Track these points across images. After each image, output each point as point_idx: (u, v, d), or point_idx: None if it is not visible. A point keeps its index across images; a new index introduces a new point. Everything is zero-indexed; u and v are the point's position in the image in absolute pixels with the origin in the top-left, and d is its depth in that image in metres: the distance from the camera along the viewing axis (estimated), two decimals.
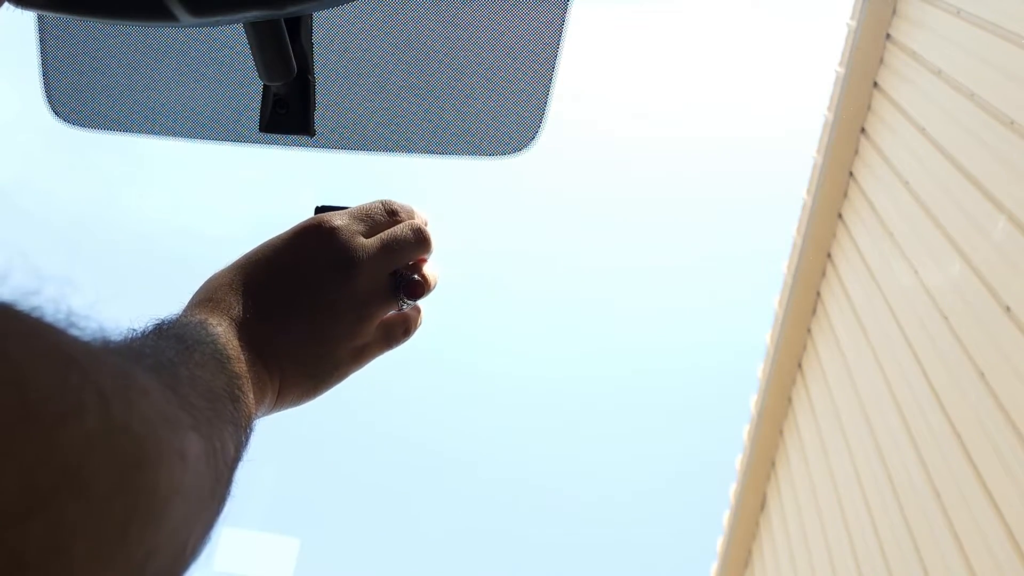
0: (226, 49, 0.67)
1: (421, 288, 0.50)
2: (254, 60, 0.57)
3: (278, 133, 0.63)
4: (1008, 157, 2.11)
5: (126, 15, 0.48)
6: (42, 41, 0.67)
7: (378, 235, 0.49)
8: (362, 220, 0.49)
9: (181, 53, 0.67)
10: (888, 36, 3.04)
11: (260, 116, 0.63)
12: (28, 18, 0.65)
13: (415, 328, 0.52)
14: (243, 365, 0.39)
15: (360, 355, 0.48)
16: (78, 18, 0.55)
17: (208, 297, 0.44)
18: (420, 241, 0.50)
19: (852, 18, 3.11)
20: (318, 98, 0.63)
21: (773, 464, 3.72)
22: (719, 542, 4.02)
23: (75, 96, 0.69)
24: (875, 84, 3.10)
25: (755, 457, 3.73)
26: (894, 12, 3.00)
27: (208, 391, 0.32)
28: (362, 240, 0.48)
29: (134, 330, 0.34)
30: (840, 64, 3.18)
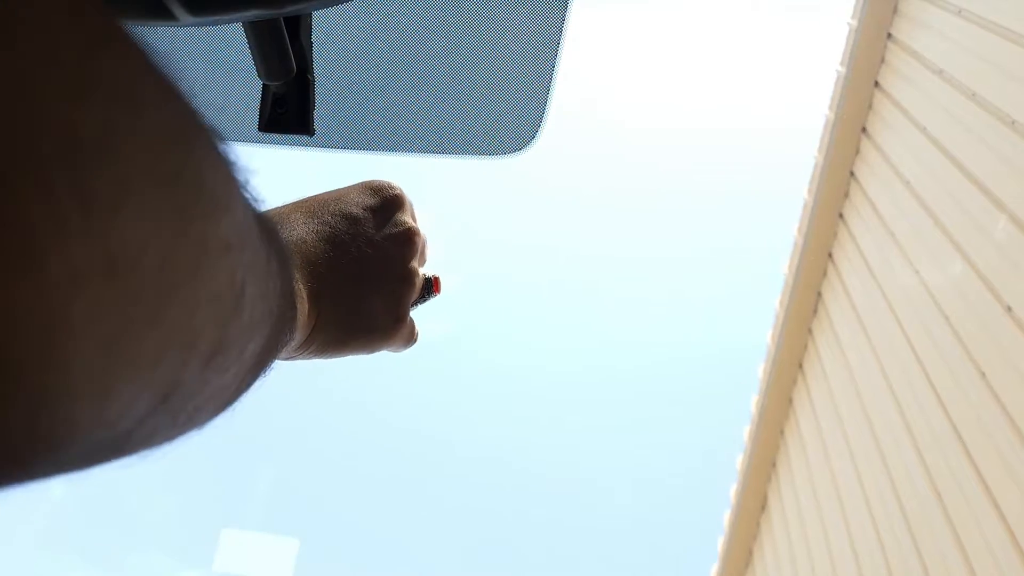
0: (225, 48, 0.66)
1: (440, 285, 0.51)
2: (253, 59, 0.57)
3: (278, 132, 0.63)
4: (1009, 157, 2.11)
5: (125, 15, 0.48)
6: None
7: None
8: (411, 208, 0.51)
9: (180, 53, 0.67)
10: (889, 35, 3.04)
11: (260, 115, 0.62)
12: None
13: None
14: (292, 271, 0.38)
15: (393, 329, 0.48)
16: None
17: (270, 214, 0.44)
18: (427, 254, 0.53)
19: (853, 17, 3.10)
20: (318, 97, 0.63)
21: (774, 464, 3.72)
22: (720, 542, 4.02)
23: None
24: (876, 83, 3.10)
25: (756, 457, 3.73)
26: (895, 11, 3.00)
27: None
28: (415, 223, 0.50)
29: None
30: (841, 63, 3.17)
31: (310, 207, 0.46)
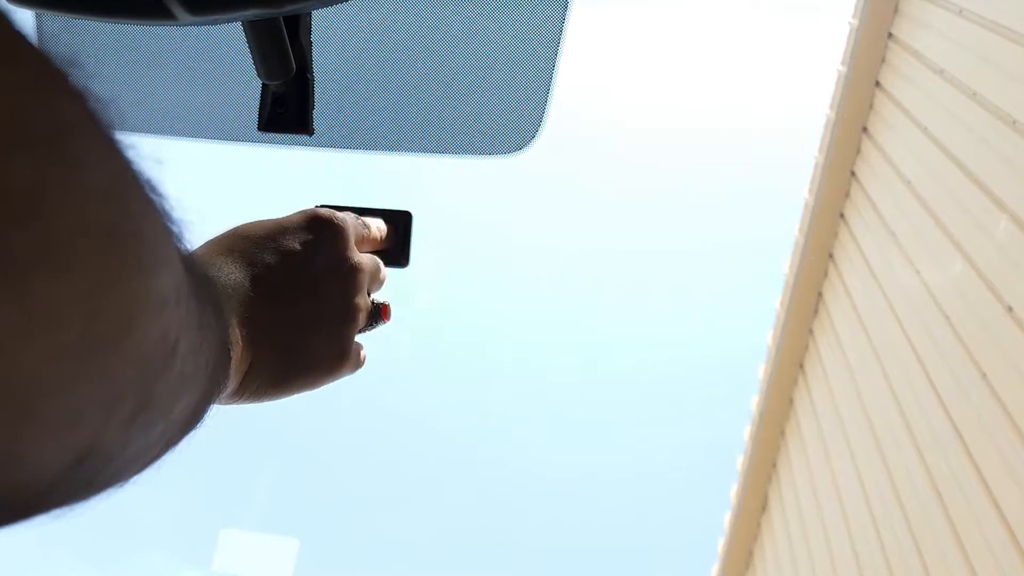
0: (224, 48, 0.66)
1: (389, 313, 0.50)
2: (253, 59, 0.56)
3: (277, 132, 0.63)
4: (1010, 157, 2.10)
5: (125, 14, 0.48)
6: (42, 41, 0.67)
7: (369, 254, 0.49)
8: (362, 229, 0.50)
9: (180, 52, 0.67)
10: (890, 35, 3.03)
11: (259, 115, 0.62)
12: (28, 18, 0.65)
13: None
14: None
15: (336, 365, 0.47)
16: (78, 18, 0.55)
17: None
18: (384, 278, 0.52)
19: (854, 16, 3.10)
20: (317, 97, 0.62)
21: (775, 465, 3.72)
22: (720, 543, 4.02)
23: None
24: (877, 83, 3.09)
25: (756, 458, 3.73)
26: (896, 11, 3.00)
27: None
28: (360, 253, 0.48)
29: None
30: (842, 63, 3.17)
31: (245, 244, 0.44)
